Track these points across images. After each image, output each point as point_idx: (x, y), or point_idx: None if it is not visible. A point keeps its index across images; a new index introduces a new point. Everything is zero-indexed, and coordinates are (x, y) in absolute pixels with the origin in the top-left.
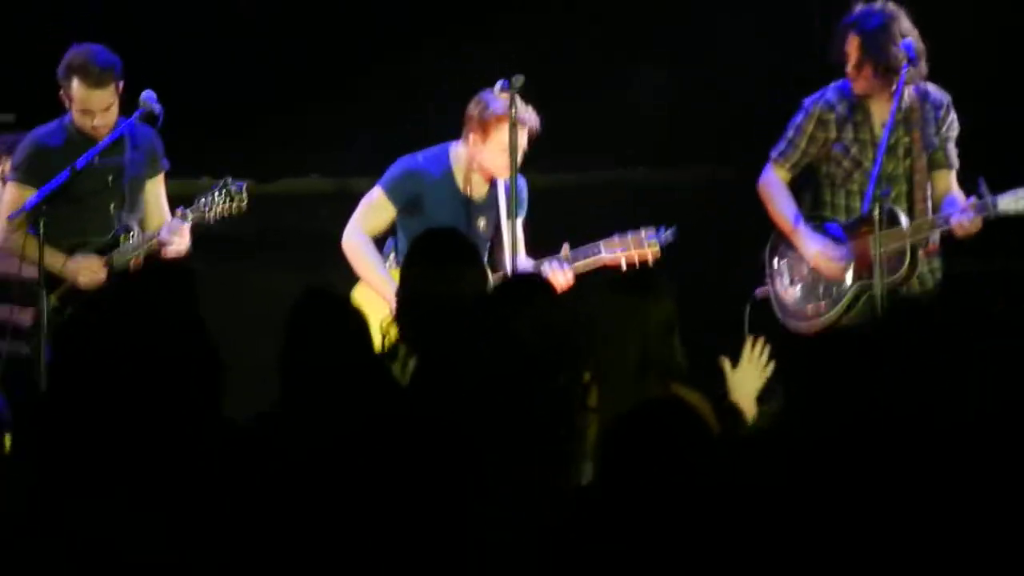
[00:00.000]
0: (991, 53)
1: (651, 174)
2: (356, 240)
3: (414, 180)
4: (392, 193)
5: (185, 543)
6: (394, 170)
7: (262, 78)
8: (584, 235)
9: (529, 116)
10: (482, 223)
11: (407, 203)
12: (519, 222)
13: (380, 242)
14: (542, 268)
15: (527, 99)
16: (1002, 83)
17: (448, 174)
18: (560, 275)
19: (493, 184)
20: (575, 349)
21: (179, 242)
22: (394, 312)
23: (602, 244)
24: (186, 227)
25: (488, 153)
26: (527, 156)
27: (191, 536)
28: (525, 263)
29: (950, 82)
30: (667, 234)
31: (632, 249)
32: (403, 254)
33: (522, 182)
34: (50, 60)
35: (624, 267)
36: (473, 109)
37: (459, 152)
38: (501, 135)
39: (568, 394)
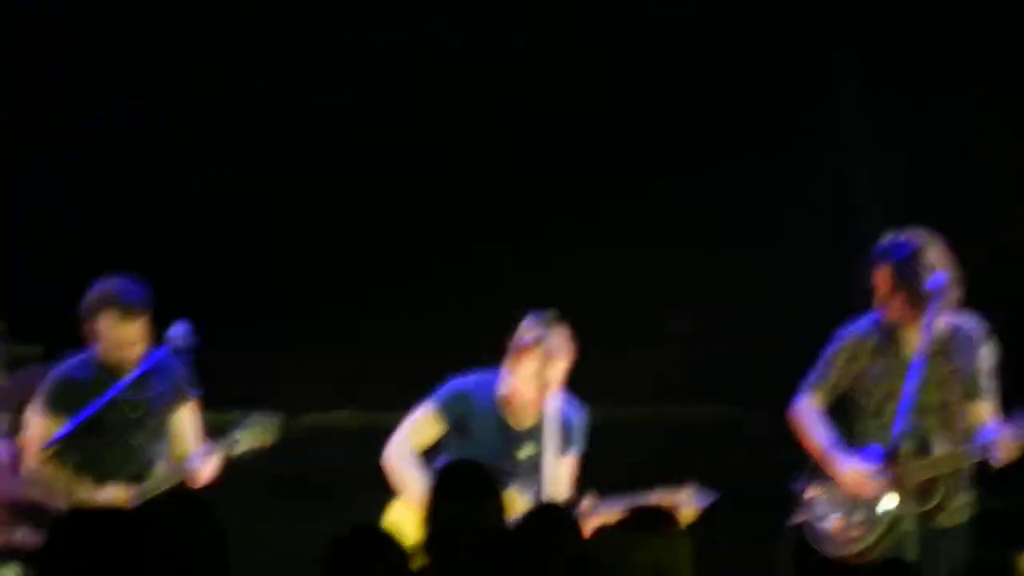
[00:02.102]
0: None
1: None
2: (401, 455)
3: (464, 401)
4: (443, 411)
5: None
6: (446, 389)
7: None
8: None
9: (561, 346)
10: (523, 453)
11: (456, 423)
12: (569, 457)
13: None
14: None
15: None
16: None
17: (495, 401)
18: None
19: (543, 415)
20: None
21: (204, 472)
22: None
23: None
24: (213, 459)
25: (520, 382)
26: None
27: None
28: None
29: (984, 308)
30: (710, 498)
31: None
32: None
33: (579, 415)
34: (76, 292)
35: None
36: (512, 338)
37: (506, 380)
38: (530, 364)
39: None
